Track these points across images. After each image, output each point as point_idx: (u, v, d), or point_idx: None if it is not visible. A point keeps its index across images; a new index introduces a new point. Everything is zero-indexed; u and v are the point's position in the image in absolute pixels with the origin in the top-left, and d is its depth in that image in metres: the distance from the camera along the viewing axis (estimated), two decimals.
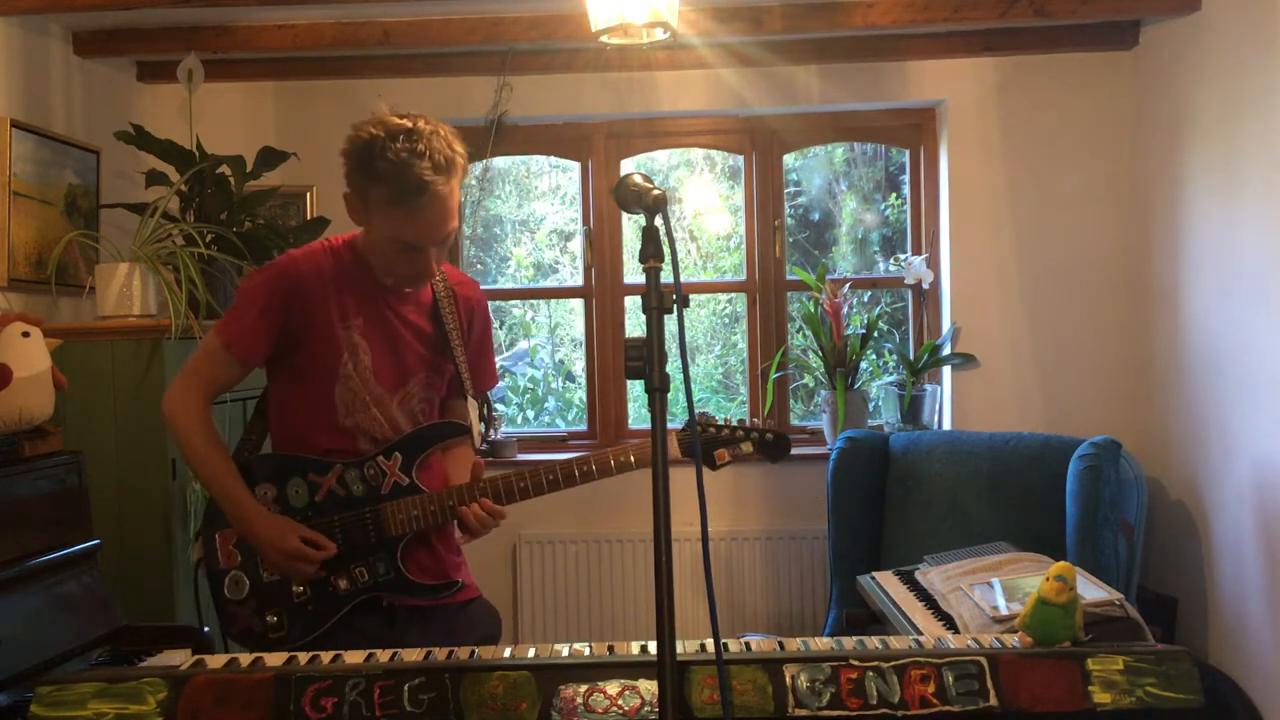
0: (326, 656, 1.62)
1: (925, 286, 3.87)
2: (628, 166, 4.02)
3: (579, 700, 1.47)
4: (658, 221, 1.43)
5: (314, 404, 1.93)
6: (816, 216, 4.34)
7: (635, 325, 4.05)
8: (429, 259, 1.86)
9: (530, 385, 4.42)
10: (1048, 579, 1.58)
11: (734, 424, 1.95)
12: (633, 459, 1.90)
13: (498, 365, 4.26)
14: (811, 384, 4.19)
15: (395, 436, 1.95)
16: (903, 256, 3.94)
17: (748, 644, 1.63)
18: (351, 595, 1.90)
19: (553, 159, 4.19)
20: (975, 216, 3.77)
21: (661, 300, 1.36)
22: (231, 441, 2.06)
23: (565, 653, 1.60)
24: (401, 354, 1.96)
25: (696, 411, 1.88)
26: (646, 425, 3.76)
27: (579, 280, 4.07)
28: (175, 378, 1.98)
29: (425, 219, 1.82)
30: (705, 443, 1.93)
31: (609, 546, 3.80)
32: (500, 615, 2.13)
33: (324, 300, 1.92)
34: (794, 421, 4.07)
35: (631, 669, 1.51)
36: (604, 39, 2.79)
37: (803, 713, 1.47)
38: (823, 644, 1.60)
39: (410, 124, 1.84)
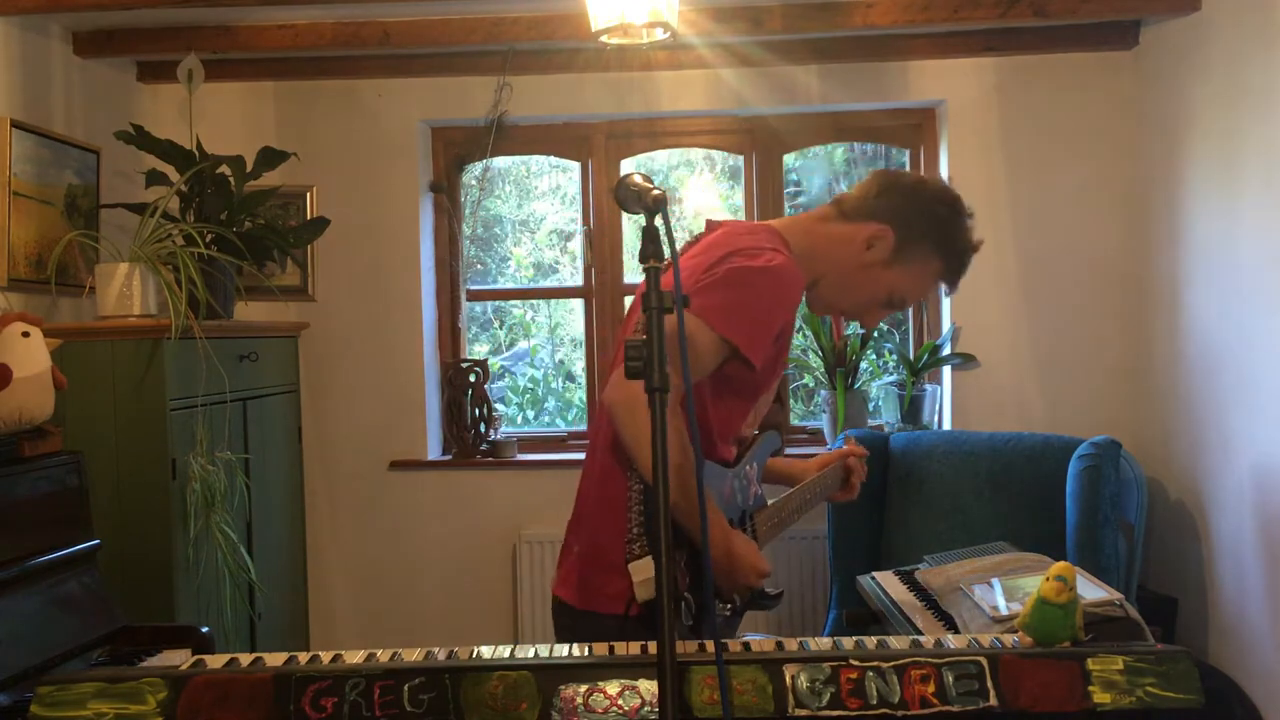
0: (326, 656, 1.62)
1: None
2: (628, 166, 4.02)
3: (579, 700, 1.47)
4: (658, 221, 1.43)
5: (735, 413, 1.81)
6: None
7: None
8: (884, 316, 1.92)
9: (530, 385, 4.42)
10: (1048, 579, 1.58)
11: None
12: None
13: (499, 365, 4.27)
14: (811, 384, 4.19)
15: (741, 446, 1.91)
16: None
17: (748, 644, 1.63)
18: (743, 610, 1.82)
19: (553, 159, 4.19)
20: (975, 216, 3.76)
21: (661, 300, 1.36)
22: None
23: (565, 653, 1.60)
24: None
25: None
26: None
27: (579, 280, 4.07)
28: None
29: (931, 292, 1.92)
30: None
31: None
32: None
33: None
34: (794, 421, 4.07)
35: (631, 669, 1.51)
36: (604, 39, 2.79)
37: (803, 713, 1.47)
38: (823, 644, 1.59)
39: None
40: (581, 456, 2.12)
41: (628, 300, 4.03)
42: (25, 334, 2.37)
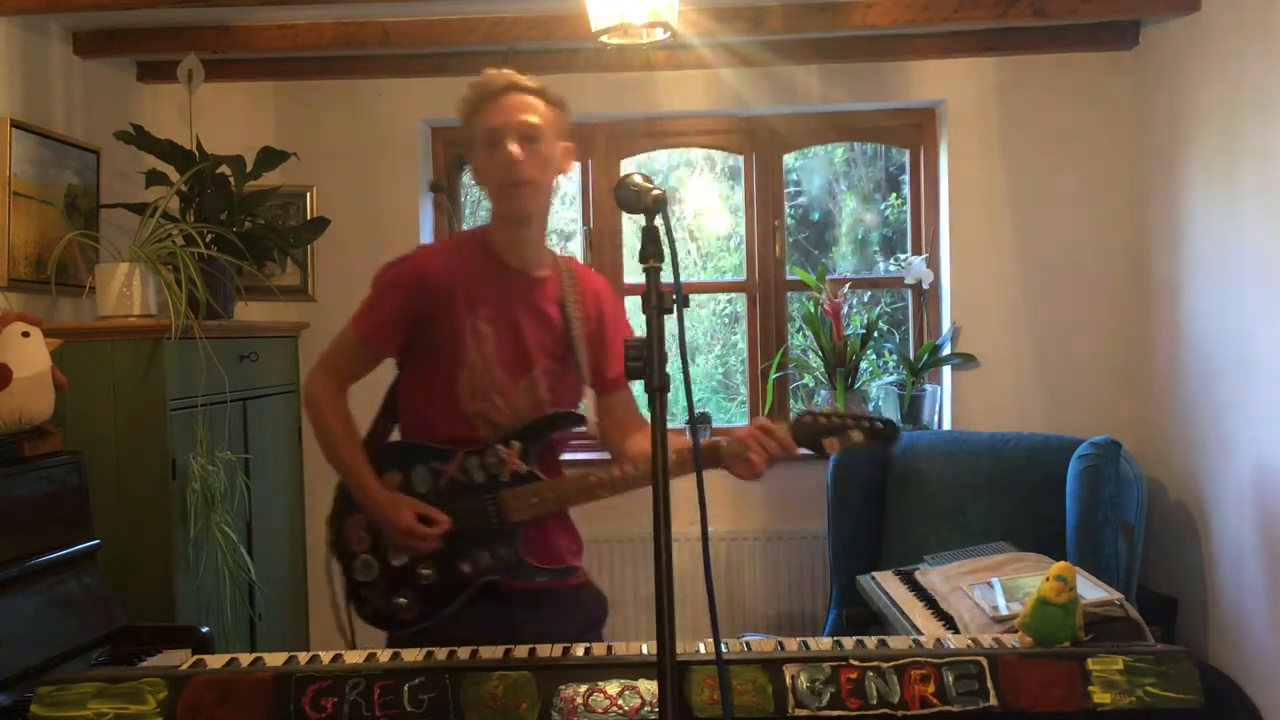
0: (326, 656, 1.62)
1: (925, 286, 3.87)
2: (628, 166, 4.02)
3: (579, 700, 1.48)
4: (658, 222, 1.43)
5: (440, 392, 1.97)
6: (816, 216, 4.34)
7: (635, 325, 4.04)
8: (508, 149, 1.93)
9: None
10: (1048, 579, 1.58)
11: (842, 414, 1.93)
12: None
13: None
14: (811, 384, 4.18)
15: (515, 424, 1.98)
16: (903, 256, 3.94)
17: (748, 644, 1.63)
18: (474, 578, 1.93)
19: None
20: (975, 216, 3.77)
21: (661, 300, 1.36)
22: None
23: (565, 653, 1.60)
24: (524, 341, 1.99)
25: (810, 410, 1.92)
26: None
27: None
28: (315, 365, 2.07)
29: (504, 105, 1.96)
30: (815, 431, 1.90)
31: (609, 546, 3.79)
32: (608, 601, 2.16)
33: (451, 291, 1.98)
34: None
35: (631, 669, 1.51)
36: (604, 39, 2.79)
37: (803, 713, 1.47)
38: (823, 644, 1.60)
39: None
40: (582, 457, 2.14)
41: (628, 300, 4.02)
42: (25, 334, 2.37)
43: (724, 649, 1.50)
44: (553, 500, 1.93)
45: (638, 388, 1.91)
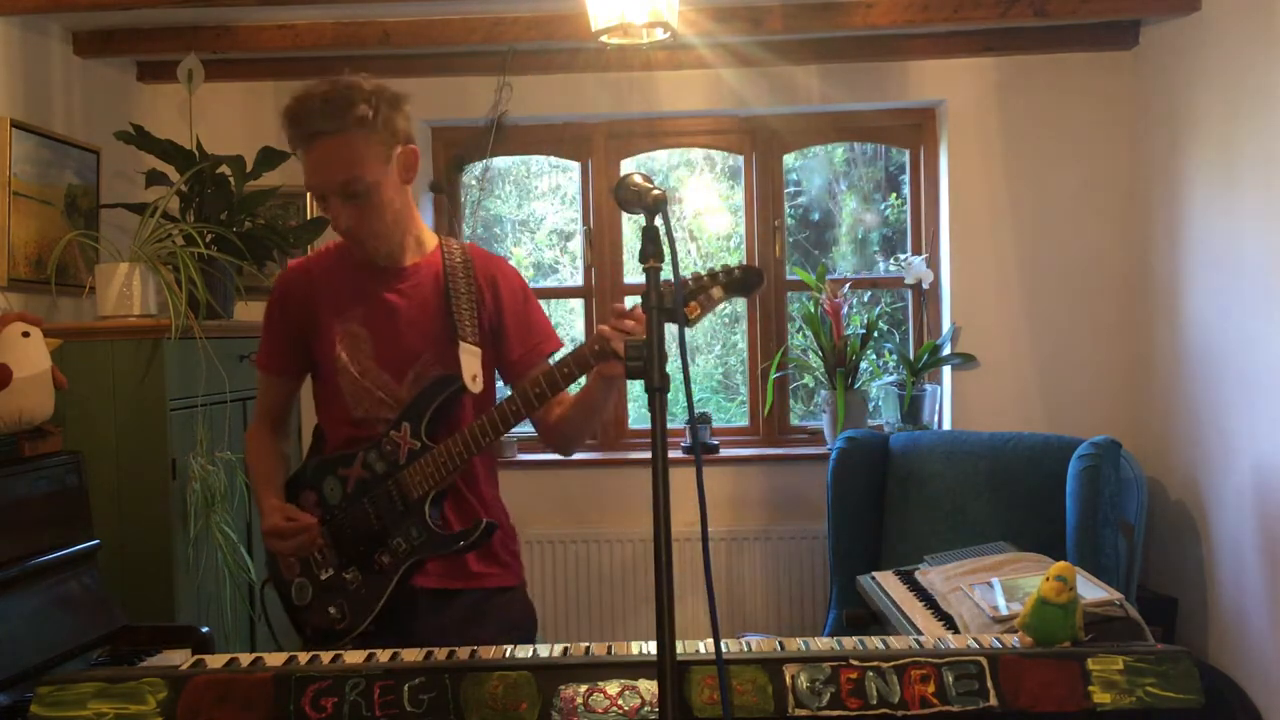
0: (326, 656, 1.62)
1: (925, 286, 3.87)
2: (628, 166, 4.02)
3: (579, 700, 1.47)
4: (658, 222, 1.43)
5: (332, 401, 1.99)
6: (816, 216, 4.34)
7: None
8: (335, 210, 1.88)
9: None
10: (1048, 579, 1.58)
11: (697, 274, 1.77)
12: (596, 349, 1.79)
13: None
14: (811, 384, 4.18)
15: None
16: (903, 256, 3.93)
17: (748, 644, 1.63)
18: (396, 567, 1.92)
19: (553, 159, 4.19)
20: (975, 216, 3.77)
21: (661, 300, 1.36)
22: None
23: (565, 653, 1.60)
24: (403, 335, 1.96)
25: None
26: (647, 425, 3.76)
27: (579, 280, 4.07)
28: None
29: (317, 159, 1.88)
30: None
31: (609, 546, 3.80)
32: (535, 612, 2.12)
33: (316, 300, 1.98)
34: (794, 421, 4.07)
35: (631, 669, 1.51)
36: (604, 39, 2.79)
37: (803, 713, 1.47)
38: (823, 644, 1.59)
39: (315, 82, 1.95)
40: (581, 457, 2.10)
41: (628, 300, 4.02)
42: (25, 334, 2.37)
43: (724, 649, 1.50)
44: (445, 463, 1.89)
45: (637, 387, 1.87)
